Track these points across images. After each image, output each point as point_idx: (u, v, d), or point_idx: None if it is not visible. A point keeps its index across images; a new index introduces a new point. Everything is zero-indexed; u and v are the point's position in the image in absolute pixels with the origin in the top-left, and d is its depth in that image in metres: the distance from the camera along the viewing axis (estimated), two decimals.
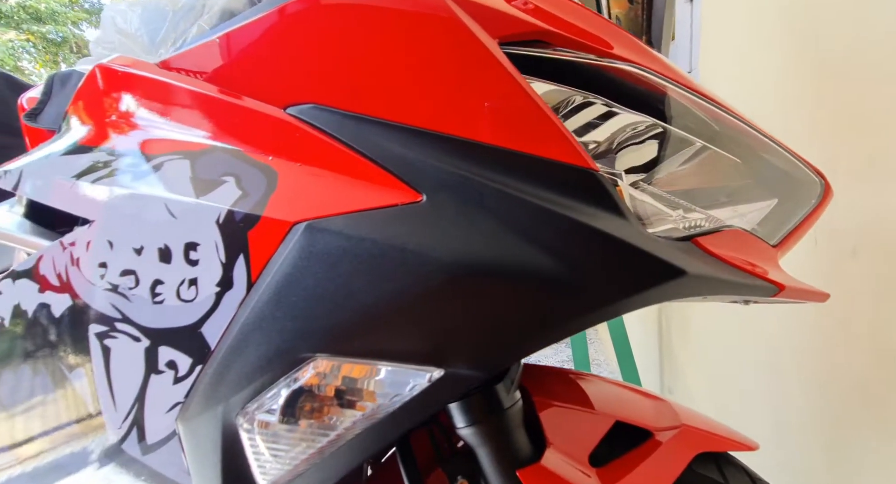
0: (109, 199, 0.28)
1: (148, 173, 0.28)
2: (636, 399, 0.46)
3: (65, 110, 0.55)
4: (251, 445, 0.26)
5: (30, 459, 0.32)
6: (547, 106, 0.24)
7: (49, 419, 0.31)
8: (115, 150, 0.29)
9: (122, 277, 0.28)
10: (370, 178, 0.25)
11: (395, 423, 0.26)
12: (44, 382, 0.30)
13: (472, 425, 0.36)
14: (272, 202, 0.25)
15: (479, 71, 0.24)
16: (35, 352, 0.31)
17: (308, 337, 0.24)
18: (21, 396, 0.32)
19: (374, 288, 0.24)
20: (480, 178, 0.24)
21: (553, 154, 0.24)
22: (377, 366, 0.25)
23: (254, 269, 0.25)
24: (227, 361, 0.25)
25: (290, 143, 0.27)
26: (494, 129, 0.24)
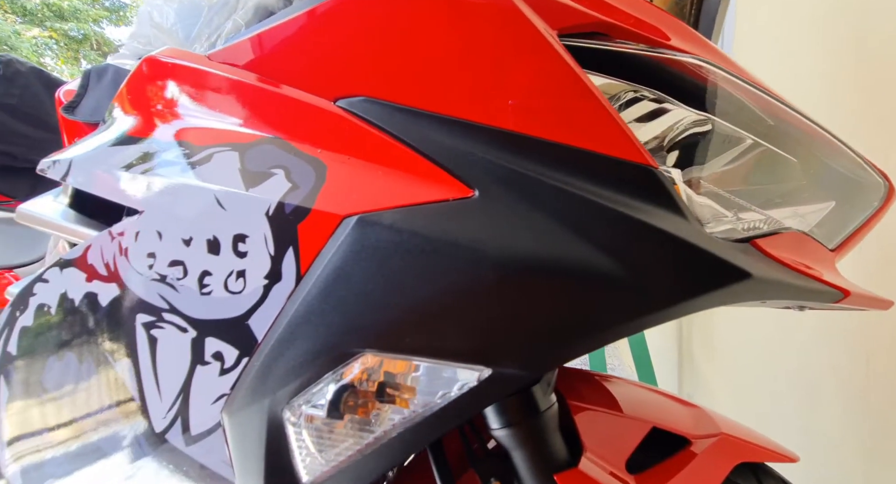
0: (158, 189, 0.28)
1: (197, 165, 0.28)
2: (671, 405, 0.45)
3: (101, 103, 0.56)
4: (296, 440, 0.26)
5: (72, 442, 0.33)
6: (607, 101, 0.23)
7: (93, 406, 0.31)
8: (164, 142, 0.29)
9: (170, 267, 0.28)
10: (420, 173, 0.25)
11: (440, 422, 0.26)
12: (89, 370, 0.31)
13: (508, 427, 0.35)
14: (322, 195, 0.25)
15: (538, 64, 0.23)
16: (81, 340, 0.31)
17: (356, 332, 0.24)
18: (66, 383, 0.32)
19: (424, 284, 0.24)
20: (535, 174, 0.24)
21: (611, 150, 0.24)
22: (425, 363, 0.24)
23: (303, 262, 0.25)
24: (274, 355, 0.25)
25: (340, 136, 0.26)
26: (552, 124, 0.24)
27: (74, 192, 0.36)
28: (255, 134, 0.28)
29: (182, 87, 0.30)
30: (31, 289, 0.35)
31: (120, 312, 0.29)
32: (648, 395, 0.46)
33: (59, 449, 0.34)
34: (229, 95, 0.29)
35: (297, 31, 0.27)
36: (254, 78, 0.28)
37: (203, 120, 0.29)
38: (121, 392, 0.30)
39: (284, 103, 0.27)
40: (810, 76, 0.75)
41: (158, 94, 0.31)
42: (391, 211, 0.24)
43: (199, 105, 0.29)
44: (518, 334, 0.24)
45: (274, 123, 0.28)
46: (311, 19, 0.27)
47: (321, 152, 0.27)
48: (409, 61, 0.25)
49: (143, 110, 0.32)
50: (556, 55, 0.23)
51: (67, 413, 0.33)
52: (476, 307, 0.24)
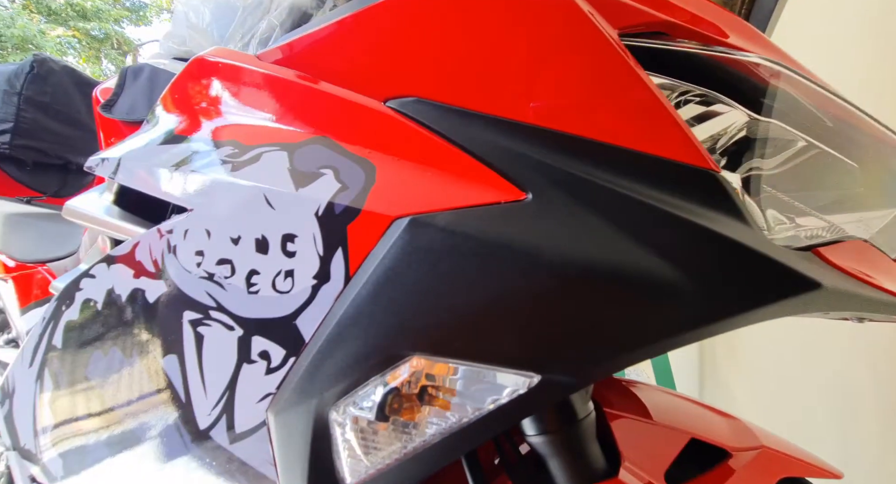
0: (207, 188, 0.29)
1: (246, 164, 0.28)
2: (709, 415, 0.44)
3: (137, 102, 0.57)
4: (342, 441, 0.26)
5: (114, 435, 0.33)
6: (669, 102, 0.23)
7: (136, 401, 0.32)
8: (213, 140, 0.30)
9: (218, 265, 0.28)
10: (472, 174, 0.25)
11: (486, 428, 0.25)
12: (134, 365, 0.32)
13: (545, 434, 0.35)
14: (372, 196, 0.25)
15: (598, 64, 0.23)
16: (126, 335, 0.32)
17: (406, 335, 0.24)
18: (110, 376, 0.33)
19: (477, 287, 0.23)
20: (592, 177, 0.23)
21: (672, 153, 0.23)
22: (474, 368, 0.24)
23: (352, 263, 0.25)
24: (322, 355, 0.25)
25: (389, 137, 0.27)
26: (611, 126, 0.23)
27: (119, 190, 0.37)
28: (304, 134, 0.28)
29: (231, 86, 0.31)
30: (77, 284, 0.36)
31: (167, 309, 0.30)
32: (684, 403, 0.45)
33: (100, 441, 0.35)
34: (278, 95, 0.29)
35: (349, 31, 0.27)
36: (303, 78, 0.28)
37: (252, 119, 0.30)
38: (165, 388, 0.30)
39: (334, 103, 0.28)
40: (857, 78, 0.73)
41: (207, 94, 0.32)
42: (444, 213, 0.24)
43: (248, 104, 0.30)
44: (571, 341, 0.24)
45: (323, 123, 0.28)
46: (362, 19, 0.27)
47: (370, 153, 0.27)
48: (462, 61, 0.25)
49: (192, 109, 0.32)
50: (618, 55, 0.23)
51: (110, 406, 0.34)
52: (529, 312, 0.23)
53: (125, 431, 0.33)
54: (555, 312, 0.23)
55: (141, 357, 0.31)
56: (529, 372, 0.24)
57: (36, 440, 0.40)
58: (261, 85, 0.30)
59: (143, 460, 0.32)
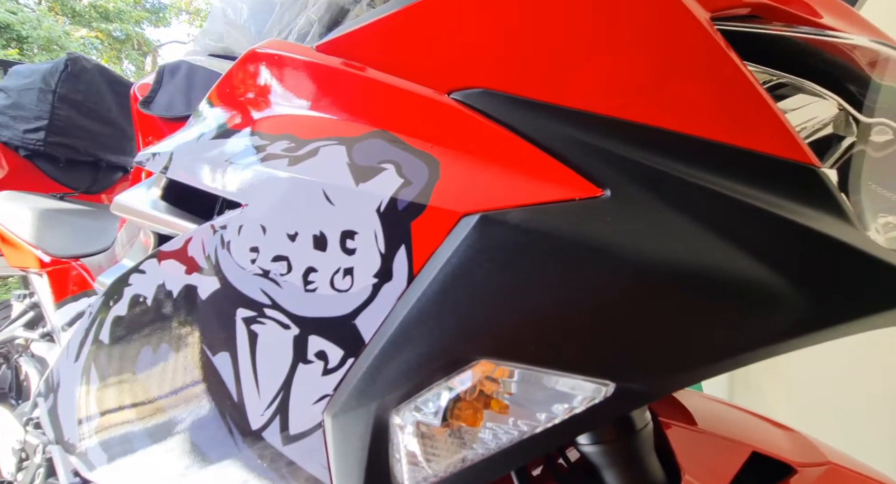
0: (263, 183, 0.28)
1: (303, 158, 0.28)
2: (766, 427, 0.42)
3: (175, 98, 0.58)
4: (404, 447, 0.25)
5: (163, 434, 0.33)
6: (766, 91, 0.21)
7: (187, 399, 0.32)
8: (268, 135, 0.30)
9: (273, 262, 0.28)
10: (544, 170, 0.24)
11: (554, 437, 0.24)
12: (184, 362, 0.32)
13: (600, 444, 0.34)
14: (437, 192, 0.25)
15: (688, 50, 0.21)
16: (177, 332, 0.32)
17: (473, 338, 0.23)
18: (159, 374, 0.33)
19: (551, 288, 0.22)
20: (678, 173, 0.22)
21: (767, 147, 0.21)
22: (546, 375, 0.23)
23: (416, 261, 0.24)
24: (383, 357, 0.25)
25: (454, 130, 0.26)
26: (700, 117, 0.22)
27: (168, 185, 0.37)
28: (363, 127, 0.27)
29: (287, 78, 0.30)
30: (126, 279, 0.36)
31: (219, 306, 0.30)
32: (737, 414, 0.43)
33: (145, 437, 0.35)
34: (337, 87, 0.28)
35: (411, 20, 0.27)
36: (362, 69, 0.28)
37: (308, 112, 0.29)
38: (216, 387, 0.30)
39: (395, 96, 0.27)
40: None
41: (261, 87, 0.31)
42: (516, 210, 0.23)
43: (305, 97, 0.29)
44: (651, 348, 0.22)
45: (383, 117, 0.27)
46: (425, 7, 0.26)
47: (433, 147, 0.26)
48: (533, 49, 0.24)
49: (246, 103, 0.32)
50: (711, 41, 0.21)
51: (157, 403, 0.34)
52: (607, 316, 0.22)
53: (172, 429, 0.33)
54: (635, 315, 0.22)
55: (191, 354, 0.31)
56: (604, 380, 0.23)
57: (80, 434, 0.40)
58: (318, 77, 0.29)
59: (191, 459, 0.32)
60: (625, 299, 0.22)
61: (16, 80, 1.01)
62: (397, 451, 0.25)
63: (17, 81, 1.01)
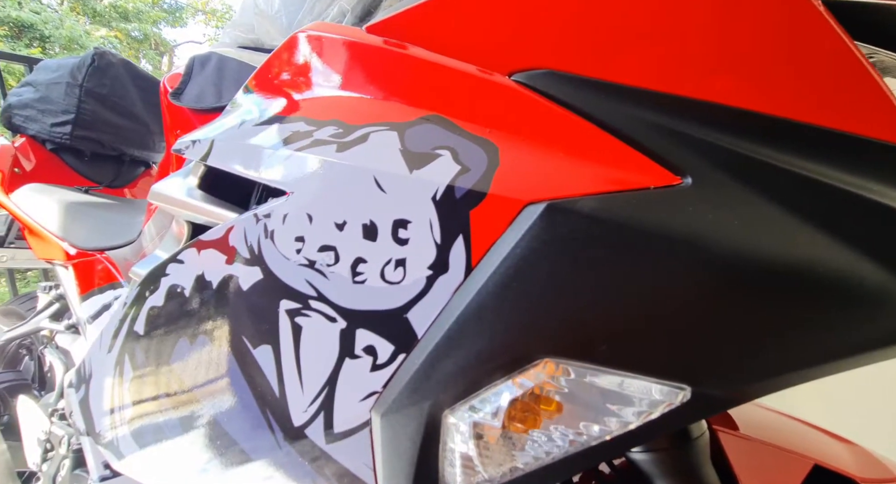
0: (310, 170, 0.28)
1: (352, 144, 0.27)
2: (828, 441, 0.40)
3: (205, 90, 0.58)
4: (459, 449, 0.24)
5: (200, 429, 0.33)
6: (875, 70, 0.20)
7: (225, 394, 0.31)
8: (315, 120, 0.29)
9: (320, 252, 0.27)
10: (616, 156, 0.22)
11: (620, 445, 0.23)
12: (223, 355, 0.31)
13: (653, 452, 0.32)
14: (498, 179, 0.23)
15: (786, 24, 0.20)
16: (216, 324, 0.31)
17: (538, 335, 0.22)
18: (197, 366, 0.33)
19: (626, 282, 0.21)
20: (770, 160, 0.20)
21: (875, 131, 0.20)
22: (616, 376, 0.22)
23: (475, 252, 0.23)
24: (438, 353, 0.23)
25: (515, 114, 0.24)
26: (797, 99, 0.20)
27: (205, 173, 0.36)
28: (416, 112, 0.26)
29: (333, 61, 0.29)
30: (163, 269, 0.35)
31: (262, 297, 0.29)
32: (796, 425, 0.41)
33: (180, 431, 0.35)
34: (387, 70, 0.28)
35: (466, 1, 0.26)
36: (415, 51, 0.27)
37: (357, 97, 0.28)
38: (258, 381, 0.29)
39: (450, 78, 0.26)
40: None
41: (306, 71, 0.31)
42: (587, 198, 0.21)
43: (353, 81, 0.29)
44: (735, 350, 0.21)
45: (437, 100, 0.26)
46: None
47: (491, 132, 0.25)
48: (605, 25, 0.23)
49: (290, 88, 0.31)
50: (815, 13, 0.20)
51: (193, 396, 0.33)
52: (689, 314, 0.21)
53: (208, 423, 0.32)
54: (720, 313, 0.21)
55: (230, 347, 0.31)
56: (681, 384, 0.21)
57: (111, 426, 0.40)
58: (368, 59, 0.28)
59: (227, 454, 0.31)
60: (709, 295, 0.20)
61: (44, 75, 1.04)
62: (450, 453, 0.24)
63: (45, 76, 1.03)
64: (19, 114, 1.02)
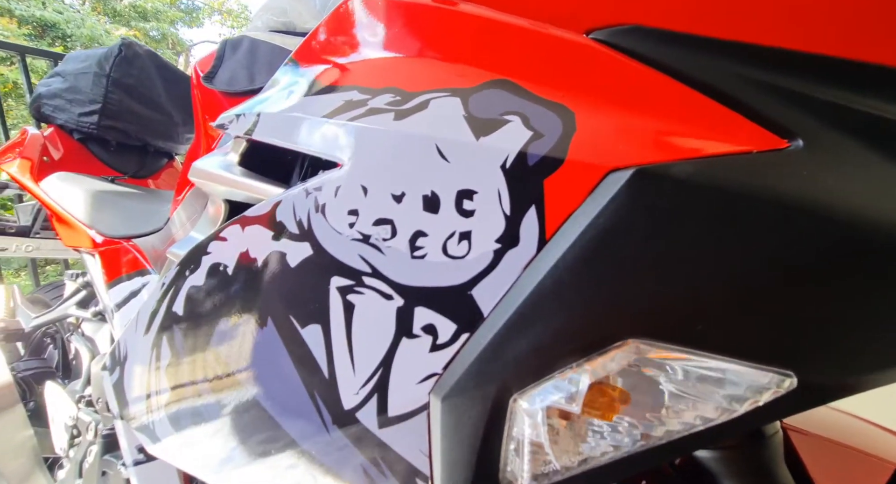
0: (366, 140, 0.27)
1: (411, 112, 0.26)
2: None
3: (236, 73, 0.58)
4: (530, 436, 0.22)
5: (243, 412, 0.32)
6: None
7: (270, 375, 0.30)
8: (370, 89, 0.28)
9: (375, 226, 0.26)
10: (710, 117, 0.21)
11: (708, 437, 0.21)
12: (268, 335, 0.30)
13: (722, 449, 0.30)
14: (575, 145, 0.22)
15: None
16: (261, 302, 0.31)
17: (622, 314, 0.20)
18: (239, 347, 0.32)
19: (728, 255, 0.19)
20: None
21: None
22: (712, 361, 0.20)
23: (549, 224, 0.22)
24: (508, 333, 0.22)
25: (592, 75, 0.23)
26: None
27: (246, 150, 0.36)
28: (480, 76, 0.25)
29: (388, 25, 0.28)
30: (204, 247, 0.35)
31: (311, 274, 0.28)
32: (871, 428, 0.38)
33: (220, 414, 0.34)
34: (447, 32, 0.26)
35: None
36: (478, 10, 0.25)
37: (415, 62, 0.27)
38: (305, 362, 0.28)
39: (519, 38, 0.24)
40: None
41: (358, 37, 0.30)
42: (683, 163, 0.20)
43: (410, 45, 0.27)
44: (854, 334, 0.19)
45: (503, 63, 0.25)
46: None
47: (565, 95, 0.23)
48: None
49: (340, 57, 0.30)
50: None
51: (237, 379, 0.33)
52: (801, 290, 0.19)
53: (251, 405, 0.32)
54: (836, 291, 0.19)
55: (276, 326, 0.30)
56: (786, 370, 0.19)
57: (147, 408, 0.40)
58: (424, 21, 0.27)
59: (271, 438, 0.31)
60: (827, 270, 0.18)
61: (72, 65, 1.06)
62: (516, 440, 0.23)
63: (73, 66, 1.05)
64: (48, 103, 1.04)
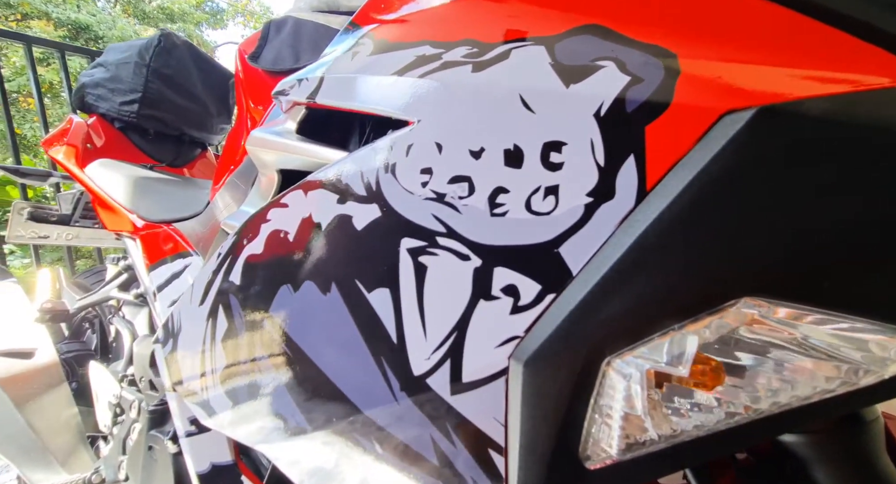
0: (440, 95, 0.26)
1: (490, 63, 0.25)
2: None
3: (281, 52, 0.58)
4: (623, 404, 0.21)
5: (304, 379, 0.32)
6: None
7: (334, 340, 0.30)
8: (443, 42, 0.27)
9: (451, 184, 0.25)
10: (841, 50, 0.19)
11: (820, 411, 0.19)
12: (332, 301, 0.30)
13: (814, 433, 0.28)
14: (682, 87, 0.20)
15: None
16: (325, 268, 0.30)
17: (740, 268, 0.19)
18: (300, 314, 0.32)
19: (871, 201, 0.17)
20: None
21: None
22: (840, 324, 0.18)
23: (651, 173, 0.20)
24: (603, 291, 0.21)
25: (695, 12, 0.21)
26: None
27: (304, 117, 0.35)
28: (566, 22, 0.24)
29: None
30: (263, 215, 0.35)
31: (379, 236, 0.27)
32: None
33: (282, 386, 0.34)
34: None
35: None
36: None
37: (491, 13, 0.26)
38: (371, 327, 0.28)
39: None
40: None
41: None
42: (816, 100, 0.18)
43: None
44: None
45: (591, 7, 0.23)
46: None
47: (665, 36, 0.22)
48: None
49: (407, 12, 0.30)
50: None
51: (298, 347, 0.32)
52: None
53: (312, 374, 0.31)
54: None
55: (341, 292, 0.29)
56: None
57: (202, 381, 0.40)
58: None
59: (334, 409, 0.30)
60: None
61: (114, 55, 1.10)
62: (605, 406, 0.21)
63: (115, 56, 1.09)
64: (91, 93, 1.08)
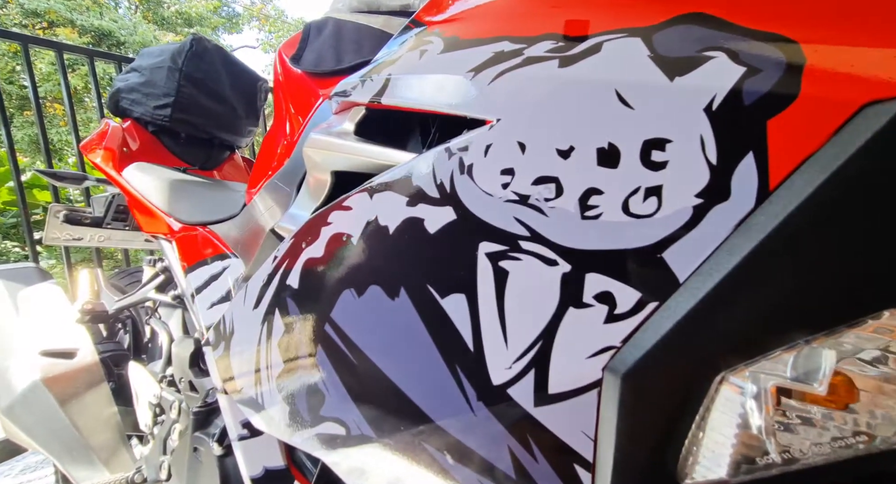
0: (524, 92, 0.25)
1: (580, 57, 0.23)
2: None
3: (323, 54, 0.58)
4: (740, 421, 0.20)
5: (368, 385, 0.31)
6: None
7: (401, 346, 0.29)
8: (523, 37, 0.26)
9: (535, 185, 0.24)
10: None
11: None
12: (400, 306, 0.29)
13: None
14: (809, 77, 0.19)
15: None
16: (392, 272, 0.30)
17: (885, 279, 0.17)
18: (365, 319, 0.31)
19: None
20: None
21: None
22: None
23: (774, 172, 0.19)
24: (715, 301, 0.19)
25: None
26: None
27: (362, 119, 0.35)
28: (665, 11, 0.22)
29: None
30: (324, 218, 0.35)
31: (455, 240, 0.27)
32: None
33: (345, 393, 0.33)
34: None
35: None
36: None
37: (577, 5, 0.25)
38: (446, 334, 0.27)
39: None
40: None
41: None
42: None
43: None
44: None
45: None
46: None
47: (784, 23, 0.20)
48: None
49: (480, 8, 0.29)
50: None
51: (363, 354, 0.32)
52: None
53: (379, 381, 0.31)
54: None
55: (411, 297, 0.28)
56: None
57: (257, 384, 0.41)
58: None
59: (403, 419, 0.29)
60: None
61: (147, 60, 1.13)
62: (719, 424, 0.20)
63: (148, 61, 1.12)
64: (126, 97, 1.11)
